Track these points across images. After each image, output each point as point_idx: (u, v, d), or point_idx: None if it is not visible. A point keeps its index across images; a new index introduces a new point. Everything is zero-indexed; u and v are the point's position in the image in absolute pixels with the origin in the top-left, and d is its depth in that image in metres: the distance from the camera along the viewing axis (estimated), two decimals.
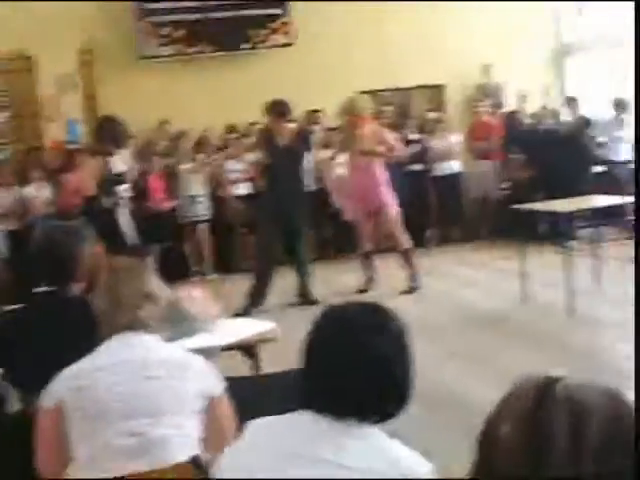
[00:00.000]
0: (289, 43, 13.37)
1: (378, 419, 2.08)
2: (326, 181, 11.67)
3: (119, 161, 8.73)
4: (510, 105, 13.67)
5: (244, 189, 11.98)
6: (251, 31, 13.32)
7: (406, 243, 9.78)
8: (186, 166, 11.79)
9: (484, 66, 13.72)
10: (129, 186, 10.17)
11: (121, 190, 8.76)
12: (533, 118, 13.05)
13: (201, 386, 2.93)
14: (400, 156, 10.17)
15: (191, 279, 11.09)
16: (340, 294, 9.32)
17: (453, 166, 13.01)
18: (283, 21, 13.34)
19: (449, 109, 14.09)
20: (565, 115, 13.08)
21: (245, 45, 13.38)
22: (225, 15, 13.22)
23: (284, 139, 9.29)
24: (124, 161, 8.98)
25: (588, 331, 7.38)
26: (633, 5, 9.37)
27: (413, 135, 12.92)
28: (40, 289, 3.68)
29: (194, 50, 13.21)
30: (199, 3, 13.12)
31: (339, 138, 10.41)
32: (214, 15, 13.20)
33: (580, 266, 8.25)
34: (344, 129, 10.10)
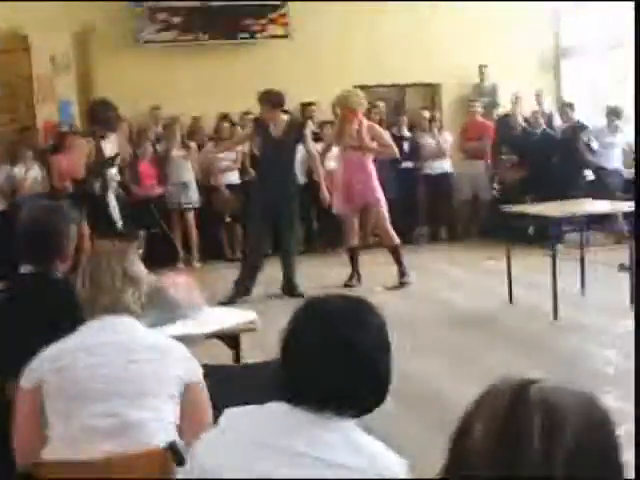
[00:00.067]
0: (286, 35, 13.33)
1: (355, 413, 2.06)
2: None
3: (110, 145, 8.72)
4: (504, 106, 13.67)
5: (234, 178, 11.97)
6: (249, 21, 13.28)
7: (395, 240, 9.78)
8: (178, 153, 11.76)
9: (480, 66, 13.71)
10: (119, 170, 10.16)
11: (112, 174, 8.75)
12: (527, 120, 13.04)
13: (181, 372, 2.92)
14: (391, 153, 10.16)
15: (177, 266, 11.07)
16: (325, 288, 9.30)
17: (444, 165, 13.03)
18: (281, 12, 13.30)
19: (443, 108, 14.10)
20: (560, 119, 13.09)
21: (242, 34, 13.34)
22: (224, 4, 13.20)
23: (277, 130, 9.25)
24: (115, 145, 8.96)
25: (571, 335, 7.39)
26: (633, 5, 9.41)
27: (405, 132, 12.92)
28: (24, 269, 3.64)
29: (191, 37, 13.16)
30: None
31: (332, 131, 10.40)
32: (213, 3, 13.17)
33: (567, 270, 8.27)
34: (338, 122, 10.09)
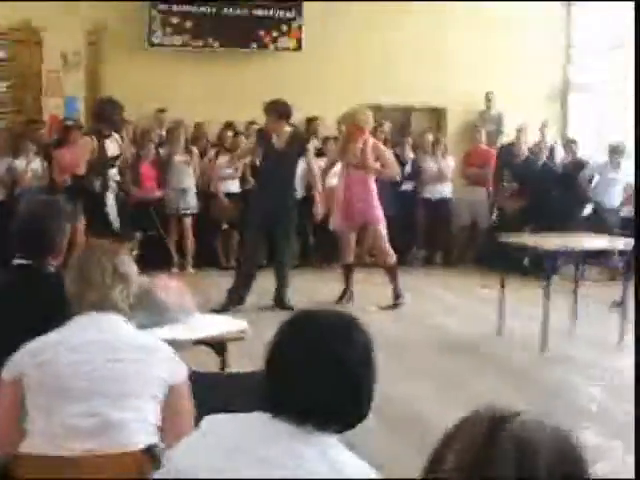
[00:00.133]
0: (298, 48, 13.37)
1: (337, 429, 2.06)
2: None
3: (113, 144, 8.73)
4: (509, 135, 13.69)
5: (234, 187, 11.96)
6: (262, 31, 13.31)
7: (391, 260, 9.77)
8: (180, 158, 11.76)
9: (487, 94, 13.74)
10: (120, 170, 10.16)
11: (112, 173, 8.75)
12: (530, 151, 13.05)
13: (165, 374, 2.91)
14: (393, 175, 10.16)
15: (171, 271, 11.05)
16: (317, 303, 9.29)
17: (445, 189, 13.03)
18: (294, 25, 13.33)
19: (448, 132, 14.12)
20: (563, 153, 13.11)
21: (254, 44, 13.36)
22: (237, 12, 13.23)
23: (280, 141, 9.23)
24: (118, 145, 8.97)
25: (558, 368, 7.39)
26: (633, 5, 9.50)
27: (409, 154, 12.92)
28: (17, 261, 3.64)
29: (201, 43, 13.18)
30: None
31: (336, 147, 10.39)
32: (226, 11, 13.20)
33: (559, 303, 8.27)
34: (342, 139, 10.08)
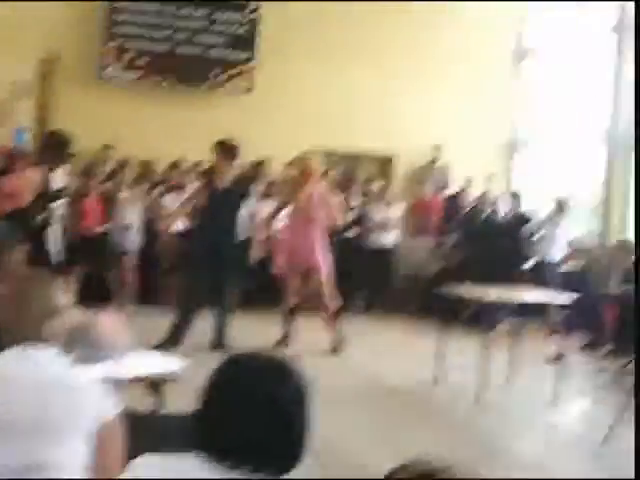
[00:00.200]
0: (250, 89, 13.44)
1: (272, 471, 2.05)
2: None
3: (59, 177, 8.65)
4: (455, 187, 13.85)
5: (179, 225, 11.91)
6: (215, 70, 13.39)
7: (332, 307, 9.78)
8: (125, 194, 11.71)
9: (434, 145, 13.91)
10: (65, 204, 10.06)
11: (56, 206, 8.66)
12: (474, 204, 13.20)
13: (95, 412, 2.83)
14: (336, 224, 10.19)
15: (110, 307, 10.92)
16: (256, 346, 9.26)
17: (389, 238, 13.09)
18: (247, 67, 13.42)
19: (395, 181, 14.24)
20: (506, 207, 13.27)
21: (206, 84, 13.42)
22: (191, 51, 13.29)
23: (225, 181, 9.24)
24: (64, 178, 8.89)
25: (491, 420, 7.43)
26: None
27: (355, 201, 12.99)
28: None
29: (155, 79, 13.21)
30: (168, 34, 13.16)
31: (285, 191, 10.36)
32: (181, 49, 13.25)
33: (497, 355, 8.31)
34: (291, 184, 10.09)
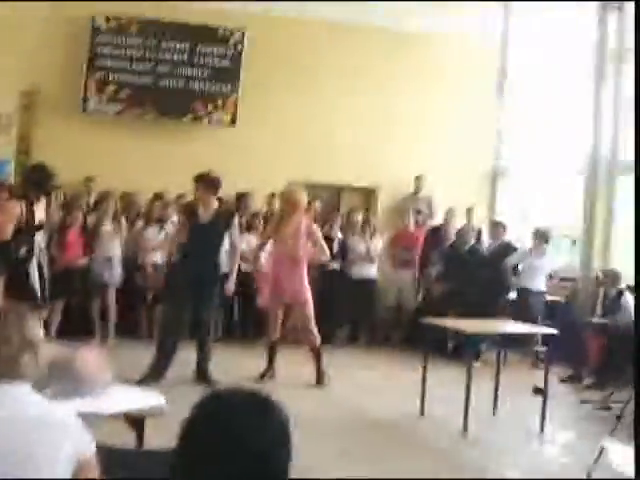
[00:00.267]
0: (232, 122, 13.46)
1: None
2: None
3: (40, 210, 8.61)
4: (438, 218, 13.87)
5: (161, 258, 11.85)
6: (197, 104, 13.41)
7: (316, 340, 9.75)
8: (107, 227, 11.66)
9: (416, 177, 13.94)
10: (47, 236, 10.02)
11: (38, 240, 8.62)
12: (457, 235, 13.19)
13: (73, 450, 2.78)
14: (322, 259, 10.20)
15: (91, 341, 10.86)
16: (238, 378, 9.23)
17: (371, 270, 13.06)
18: (229, 100, 13.45)
19: (378, 213, 14.25)
20: (489, 237, 13.28)
21: (188, 116, 13.44)
22: (174, 84, 13.31)
23: (206, 214, 9.21)
24: (46, 211, 8.85)
25: (477, 452, 7.39)
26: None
27: (337, 233, 12.97)
28: None
29: (137, 112, 13.22)
30: (151, 67, 13.19)
31: (271, 224, 10.32)
32: (163, 82, 13.27)
33: (481, 387, 8.30)
34: (277, 217, 10.08)
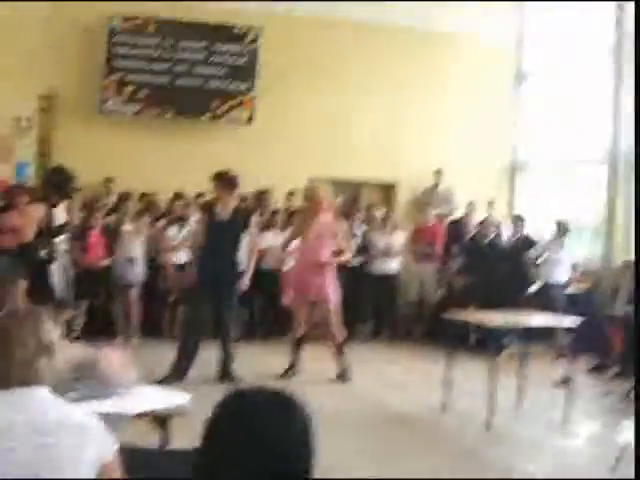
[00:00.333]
0: (250, 120, 13.47)
1: None
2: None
3: (61, 212, 8.66)
4: (458, 212, 13.85)
5: (183, 257, 11.87)
6: (215, 102, 13.42)
7: (341, 336, 9.75)
8: (128, 227, 11.70)
9: (435, 171, 13.91)
10: (69, 238, 10.06)
11: (59, 242, 8.67)
12: (478, 228, 13.17)
13: (96, 453, 2.75)
14: (347, 259, 10.18)
15: (115, 341, 10.90)
16: (262, 376, 9.25)
17: (393, 265, 13.07)
18: (247, 97, 13.45)
19: (398, 208, 14.23)
20: (509, 231, 13.26)
21: (207, 115, 13.46)
22: (191, 83, 13.33)
23: (225, 213, 9.20)
24: (67, 213, 8.90)
25: (502, 446, 7.37)
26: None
27: (358, 229, 12.97)
28: None
29: (155, 112, 13.25)
30: (168, 67, 13.22)
31: (295, 221, 10.29)
32: (181, 81, 13.29)
33: (505, 380, 8.26)
34: (302, 214, 10.08)
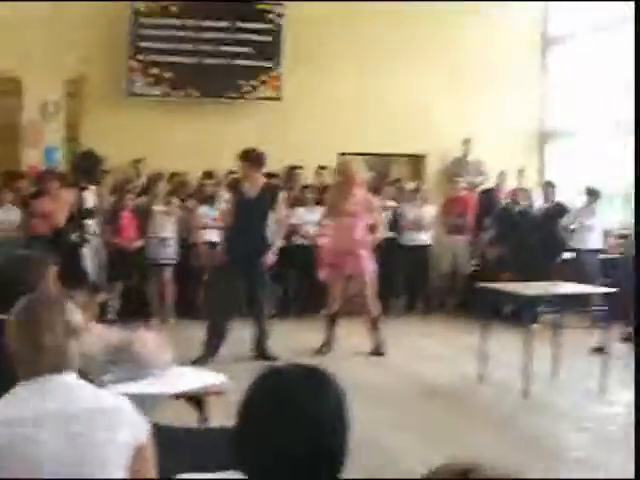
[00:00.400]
0: (277, 97, 13.43)
1: None
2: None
3: (92, 195, 8.72)
4: (489, 182, 13.77)
5: (215, 236, 11.88)
6: (241, 81, 13.39)
7: (376, 310, 9.75)
8: (159, 207, 11.73)
9: (465, 140, 13.81)
10: (100, 220, 10.13)
11: (90, 225, 8.72)
12: (509, 197, 13.09)
13: (129, 437, 2.73)
14: (378, 237, 10.12)
15: (150, 322, 10.96)
16: (298, 353, 9.27)
17: (424, 237, 13.02)
18: (273, 74, 13.41)
19: (428, 180, 14.16)
20: (541, 198, 13.17)
21: (233, 94, 13.43)
22: (217, 62, 13.30)
23: (252, 190, 9.18)
24: (97, 196, 8.96)
25: (540, 416, 7.35)
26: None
27: (389, 202, 12.92)
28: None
29: (182, 93, 13.24)
30: (193, 47, 13.19)
31: (329, 197, 10.28)
32: (206, 61, 13.27)
33: (540, 350, 8.23)
34: (335, 189, 10.06)
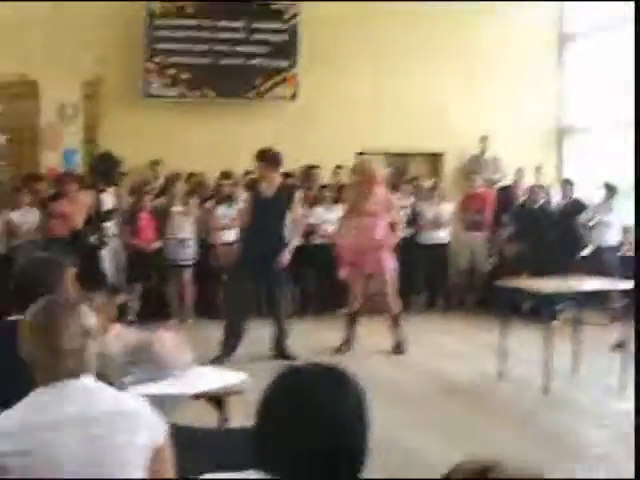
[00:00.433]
0: (293, 96, 13.43)
1: None
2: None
3: (109, 198, 8.74)
4: (506, 179, 13.73)
5: (233, 236, 11.89)
6: (257, 80, 13.39)
7: (397, 308, 9.75)
8: (178, 208, 11.75)
9: (482, 137, 13.77)
10: (118, 222, 10.15)
11: (108, 227, 8.75)
12: (527, 194, 13.03)
13: (148, 439, 2.74)
14: (396, 236, 10.10)
15: (170, 322, 10.98)
16: (317, 352, 9.27)
17: (442, 235, 13.00)
18: (289, 74, 13.41)
19: (445, 177, 14.13)
20: (559, 195, 13.12)
21: (250, 93, 13.44)
22: (233, 62, 13.32)
23: (269, 190, 9.20)
24: (115, 197, 8.98)
25: (560, 413, 7.34)
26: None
27: (407, 200, 12.90)
28: (15, 317, 3.61)
29: (198, 93, 13.26)
30: (209, 47, 13.21)
31: (348, 196, 10.27)
32: (222, 61, 13.29)
33: (560, 346, 8.21)
34: (354, 188, 10.04)
